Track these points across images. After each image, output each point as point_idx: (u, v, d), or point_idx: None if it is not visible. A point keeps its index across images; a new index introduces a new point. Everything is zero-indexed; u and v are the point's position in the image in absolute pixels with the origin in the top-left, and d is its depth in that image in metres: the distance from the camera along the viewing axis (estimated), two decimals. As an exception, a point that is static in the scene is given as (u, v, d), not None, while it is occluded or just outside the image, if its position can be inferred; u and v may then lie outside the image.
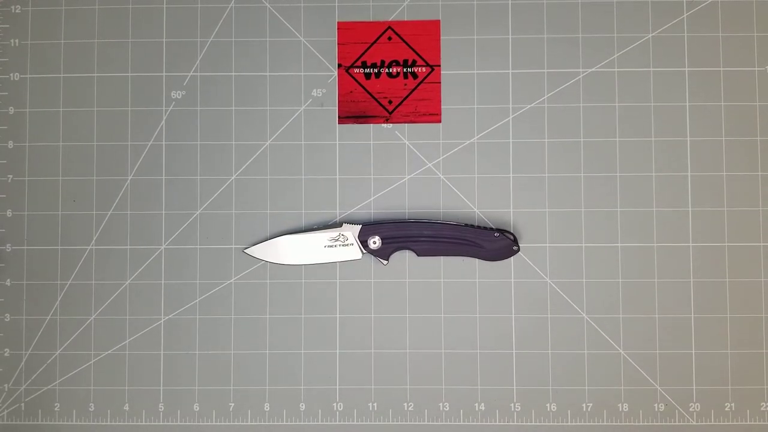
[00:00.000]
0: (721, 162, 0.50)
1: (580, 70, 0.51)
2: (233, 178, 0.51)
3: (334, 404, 0.50)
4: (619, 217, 0.50)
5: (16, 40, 0.52)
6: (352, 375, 0.50)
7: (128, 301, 0.50)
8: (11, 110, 0.51)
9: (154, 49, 0.51)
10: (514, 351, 0.50)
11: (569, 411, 0.50)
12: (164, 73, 0.51)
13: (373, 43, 0.51)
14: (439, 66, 0.51)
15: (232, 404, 0.50)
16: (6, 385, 0.51)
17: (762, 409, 0.50)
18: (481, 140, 0.51)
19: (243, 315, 0.50)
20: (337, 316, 0.50)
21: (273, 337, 0.50)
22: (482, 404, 0.50)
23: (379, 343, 0.50)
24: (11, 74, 0.51)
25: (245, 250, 0.50)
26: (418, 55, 0.51)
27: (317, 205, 0.51)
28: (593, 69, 0.51)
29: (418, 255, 0.50)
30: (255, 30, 0.51)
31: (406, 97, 0.51)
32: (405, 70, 0.51)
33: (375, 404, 0.50)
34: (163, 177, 0.51)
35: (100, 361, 0.50)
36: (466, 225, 0.49)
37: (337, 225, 0.50)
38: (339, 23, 0.51)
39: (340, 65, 0.51)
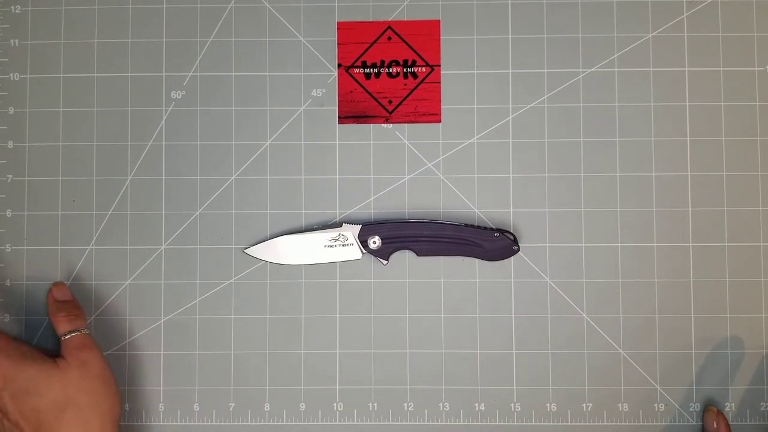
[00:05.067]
0: (721, 162, 0.50)
1: (580, 70, 0.51)
2: (233, 178, 0.51)
3: (334, 404, 0.50)
4: (619, 217, 0.50)
5: (16, 40, 0.52)
6: (352, 375, 0.50)
7: (128, 301, 0.50)
8: (11, 110, 0.51)
9: (154, 49, 0.51)
10: (514, 351, 0.50)
11: (569, 411, 0.50)
12: (164, 73, 0.51)
13: (372, 43, 0.51)
14: (439, 66, 0.51)
15: (233, 404, 0.50)
16: (6, 385, 0.50)
17: (762, 409, 0.50)
18: (480, 140, 0.51)
19: (243, 315, 0.50)
20: (337, 316, 0.50)
21: (273, 337, 0.50)
22: (482, 404, 0.50)
23: (379, 343, 0.50)
24: (11, 74, 0.51)
25: (245, 250, 0.50)
26: (418, 55, 0.51)
27: (317, 205, 0.51)
28: (593, 69, 0.51)
29: (418, 255, 0.50)
30: (255, 30, 0.51)
31: (406, 97, 0.51)
32: (405, 70, 0.51)
33: (375, 404, 0.50)
34: (163, 177, 0.51)
35: (100, 361, 0.50)
36: (466, 225, 0.49)
37: (337, 225, 0.50)
38: (339, 23, 0.51)
39: (340, 65, 0.51)
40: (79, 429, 0.43)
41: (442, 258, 0.50)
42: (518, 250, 0.49)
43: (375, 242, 0.49)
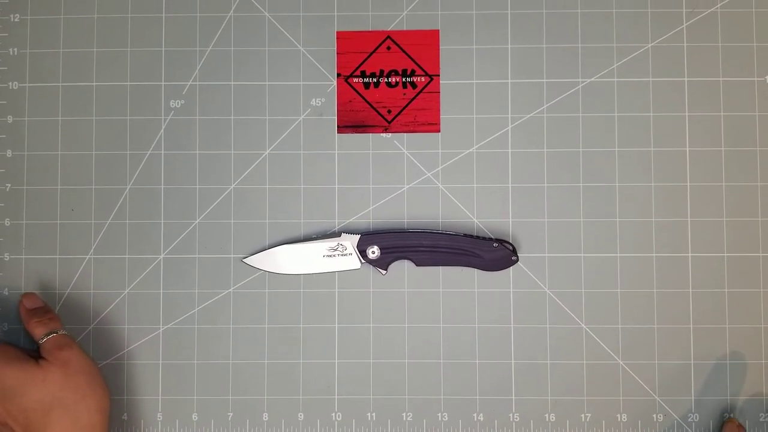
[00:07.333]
0: (721, 172, 0.50)
1: (579, 79, 0.51)
2: (232, 187, 0.51)
3: (333, 414, 0.50)
4: (618, 227, 0.50)
5: (15, 49, 0.52)
6: (350, 385, 0.50)
7: (127, 310, 0.50)
8: (10, 119, 0.51)
9: (153, 58, 0.51)
10: (512, 361, 0.50)
11: (568, 421, 0.50)
12: (163, 82, 0.51)
13: (372, 53, 0.51)
14: (438, 75, 0.51)
15: (231, 414, 0.50)
16: (4, 395, 0.50)
17: (761, 419, 0.49)
18: (480, 150, 0.51)
19: (241, 324, 0.50)
20: (336, 325, 0.50)
21: (271, 347, 0.50)
22: (481, 414, 0.50)
23: (377, 352, 0.50)
24: (10, 83, 0.51)
25: (244, 260, 0.50)
26: (417, 64, 0.51)
27: (316, 214, 0.51)
28: (592, 79, 0.51)
29: (416, 265, 0.50)
30: (254, 39, 0.51)
31: (405, 106, 0.51)
32: (404, 79, 0.51)
33: (373, 414, 0.50)
34: (162, 186, 0.51)
35: (98, 370, 0.50)
36: (465, 235, 0.49)
37: (336, 234, 0.50)
38: (338, 33, 0.51)
39: (339, 75, 0.51)
40: (67, 425, 0.43)
41: (440, 268, 0.50)
42: (517, 260, 0.49)
43: (374, 252, 0.49)
